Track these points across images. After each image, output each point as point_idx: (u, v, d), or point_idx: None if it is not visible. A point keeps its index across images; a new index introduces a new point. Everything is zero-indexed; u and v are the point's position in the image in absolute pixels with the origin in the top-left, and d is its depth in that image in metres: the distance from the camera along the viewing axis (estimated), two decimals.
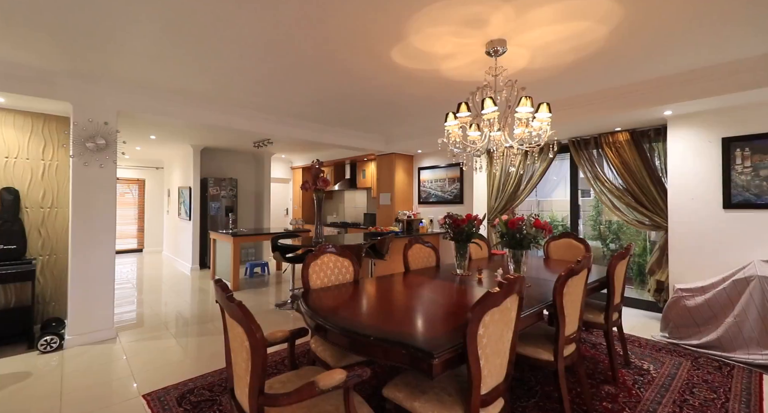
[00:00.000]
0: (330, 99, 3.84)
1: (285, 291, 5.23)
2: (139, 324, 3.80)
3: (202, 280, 5.92)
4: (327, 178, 4.19)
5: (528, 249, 2.29)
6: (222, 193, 7.14)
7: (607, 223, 5.75)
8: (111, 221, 3.44)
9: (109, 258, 3.42)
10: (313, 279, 2.33)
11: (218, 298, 1.32)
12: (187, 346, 3.20)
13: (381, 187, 6.31)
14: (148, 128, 5.22)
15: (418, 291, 2.24)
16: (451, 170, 5.70)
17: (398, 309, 1.90)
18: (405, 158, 6.21)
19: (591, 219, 6.17)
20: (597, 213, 5.75)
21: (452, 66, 2.83)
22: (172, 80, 3.32)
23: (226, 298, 1.23)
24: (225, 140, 6.34)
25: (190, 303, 4.57)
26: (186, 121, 3.93)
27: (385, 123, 5.03)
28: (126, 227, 8.95)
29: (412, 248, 3.05)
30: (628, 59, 2.74)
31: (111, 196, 3.45)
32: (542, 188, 5.94)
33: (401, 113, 4.44)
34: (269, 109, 4.28)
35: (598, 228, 5.79)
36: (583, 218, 5.68)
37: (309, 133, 5.00)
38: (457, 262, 2.74)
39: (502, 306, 1.42)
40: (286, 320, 3.93)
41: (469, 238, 2.64)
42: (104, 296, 3.38)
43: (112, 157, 3.43)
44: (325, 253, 2.46)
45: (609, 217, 6.36)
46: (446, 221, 2.74)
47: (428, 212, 6.10)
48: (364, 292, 2.26)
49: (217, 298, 1.34)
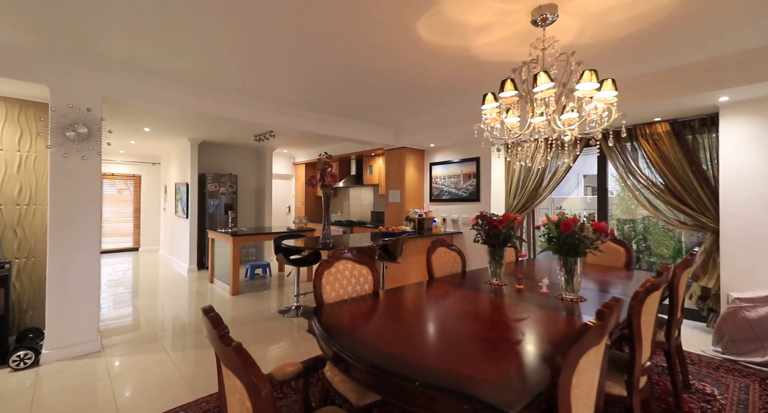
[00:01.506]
0: (339, 84, 3.45)
1: (288, 294, 4.86)
2: (129, 333, 3.43)
3: (200, 282, 5.56)
4: (335, 173, 3.81)
5: (584, 256, 1.91)
6: (221, 189, 6.76)
7: (630, 223, 5.38)
8: (95, 220, 3.06)
9: (93, 261, 3.04)
10: (327, 291, 1.95)
11: (209, 337, 0.94)
12: (181, 361, 2.83)
13: (390, 183, 5.92)
14: (140, 119, 4.83)
15: (455, 307, 1.87)
16: (466, 165, 5.31)
17: (440, 332, 1.52)
18: (416, 153, 5.83)
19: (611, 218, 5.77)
20: (620, 212, 5.38)
21: (486, 42, 2.44)
22: (164, 61, 2.93)
23: (219, 339, 0.85)
24: (224, 133, 5.95)
25: (186, 309, 4.20)
26: (181, 109, 3.54)
27: (396, 114, 4.64)
28: (121, 225, 8.58)
29: (436, 252, 2.68)
30: (695, 33, 2.35)
31: (95, 191, 3.07)
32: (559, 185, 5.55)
33: (416, 101, 4.05)
34: (271, 97, 3.89)
35: (621, 229, 5.41)
36: None
37: (313, 124, 4.62)
38: (491, 269, 2.36)
39: (600, 344, 1.04)
40: (290, 329, 3.56)
41: (506, 242, 2.26)
42: (88, 304, 3.00)
43: (96, 148, 3.05)
44: (341, 260, 2.08)
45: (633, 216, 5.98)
46: (479, 222, 2.36)
47: (440, 210, 5.72)
48: (390, 308, 1.89)
49: (207, 336, 0.96)
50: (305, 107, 4.30)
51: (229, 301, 4.54)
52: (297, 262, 4.07)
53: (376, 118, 4.90)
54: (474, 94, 3.69)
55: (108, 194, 8.37)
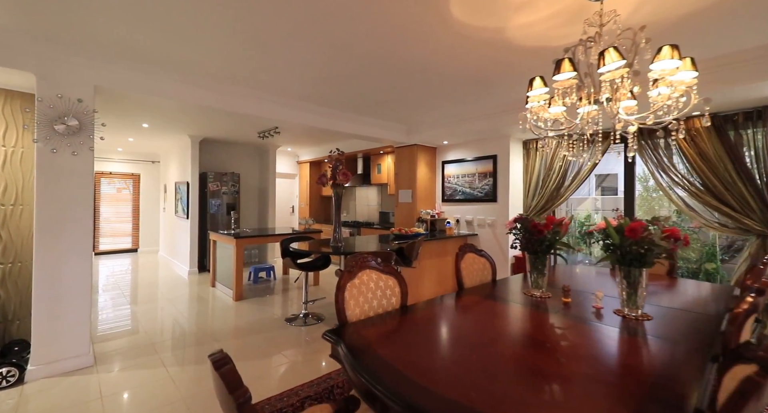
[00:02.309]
0: (353, 74, 3.17)
1: (294, 300, 4.59)
2: (125, 344, 3.16)
3: (201, 286, 5.28)
4: (347, 171, 3.54)
5: (651, 267, 1.64)
6: (223, 189, 6.49)
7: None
8: (87, 222, 2.79)
9: (85, 267, 2.77)
10: (350, 306, 1.68)
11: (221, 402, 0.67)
12: (181, 378, 2.56)
13: (400, 182, 5.65)
14: (138, 114, 4.56)
15: (501, 327, 1.59)
16: (482, 163, 5.03)
17: (493, 364, 1.25)
18: (428, 150, 5.55)
19: None
20: (643, 212, 5.10)
21: (525, 22, 2.16)
22: (162, 48, 2.66)
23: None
24: (226, 130, 5.68)
25: (186, 316, 3.93)
26: (180, 101, 3.27)
27: (409, 108, 4.36)
28: (120, 225, 8.31)
29: (465, 258, 2.40)
30: (756, 14, 2.08)
31: (86, 190, 2.80)
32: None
33: (435, 94, 3.77)
34: (277, 88, 3.61)
35: None
36: None
37: (321, 119, 4.33)
38: (532, 279, 2.09)
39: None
40: (298, 339, 3.29)
41: (550, 249, 1.99)
42: (79, 315, 2.73)
43: (88, 143, 2.78)
44: (364, 270, 1.81)
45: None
46: (517, 225, 2.09)
47: (453, 211, 5.44)
48: (425, 328, 1.61)
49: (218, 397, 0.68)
50: (313, 100, 4.03)
51: (232, 307, 4.26)
52: (305, 267, 3.80)
53: (388, 114, 4.63)
54: (499, 86, 3.42)
55: (107, 193, 8.10)
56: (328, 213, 8.34)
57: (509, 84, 3.33)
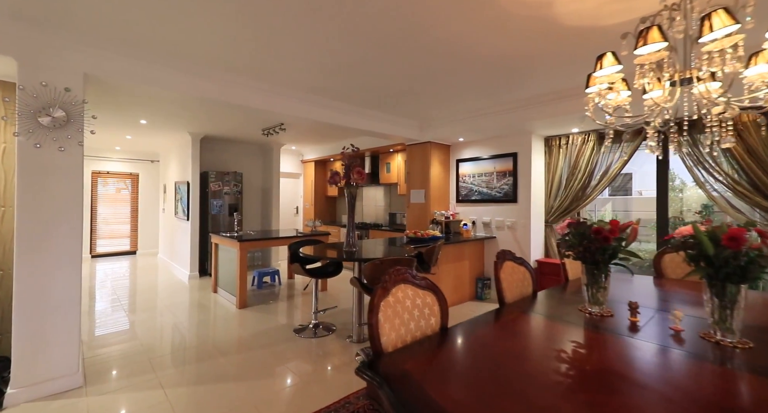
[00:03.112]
0: (368, 62, 2.88)
1: (301, 307, 4.29)
2: (120, 361, 2.87)
3: (203, 292, 4.99)
4: (362, 170, 3.24)
5: (757, 281, 1.34)
6: (225, 189, 6.20)
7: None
8: (76, 226, 2.49)
9: (74, 276, 2.48)
10: (386, 331, 1.38)
11: None
12: (180, 402, 2.26)
13: (412, 182, 5.35)
14: (135, 108, 4.27)
15: (573, 355, 1.30)
16: (500, 162, 4.74)
17: (582, 407, 0.95)
18: (441, 148, 5.26)
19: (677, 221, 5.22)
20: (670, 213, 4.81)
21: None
22: (159, 31, 2.37)
23: None
24: (228, 126, 5.39)
25: (187, 327, 3.63)
26: (180, 92, 2.98)
27: (424, 102, 4.06)
28: (118, 227, 8.03)
29: (504, 267, 2.11)
30: None
31: (75, 190, 2.50)
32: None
33: (456, 85, 3.47)
34: (283, 80, 3.32)
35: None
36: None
37: (329, 113, 4.03)
38: (590, 294, 1.79)
39: None
40: (309, 353, 3.00)
41: (613, 258, 1.69)
42: (67, 330, 2.44)
43: (77, 138, 2.49)
44: (400, 284, 1.51)
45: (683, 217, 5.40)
46: (571, 231, 1.79)
47: (469, 212, 5.15)
48: (477, 357, 1.32)
49: None
50: (321, 93, 3.73)
51: (235, 316, 3.97)
52: (315, 273, 3.50)
53: (401, 108, 4.33)
54: (531, 74, 3.12)
55: (104, 194, 7.81)
56: (333, 215, 8.05)
57: (543, 72, 3.04)
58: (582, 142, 4.28)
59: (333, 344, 3.23)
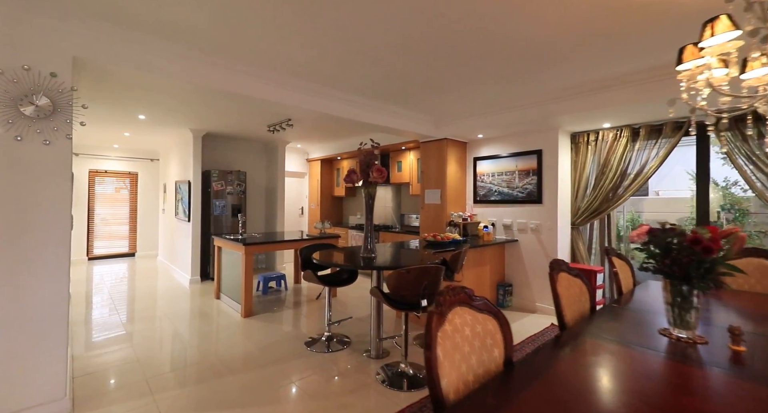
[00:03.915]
0: (385, 48, 2.58)
1: (311, 316, 3.99)
2: (114, 380, 2.57)
3: (204, 298, 4.69)
4: (382, 168, 2.94)
5: None
6: (228, 188, 5.90)
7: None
8: (62, 231, 2.19)
9: (60, 288, 2.18)
10: (445, 369, 1.08)
11: None
12: None
13: (427, 181, 5.05)
14: (133, 102, 3.97)
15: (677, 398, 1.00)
16: (523, 159, 4.43)
17: None
18: (458, 146, 4.96)
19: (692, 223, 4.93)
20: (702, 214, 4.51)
21: None
22: (159, 11, 2.07)
23: None
24: (232, 123, 5.09)
25: (188, 339, 3.33)
26: (180, 80, 2.68)
27: (442, 95, 3.76)
28: (116, 228, 7.72)
29: (560, 280, 1.80)
30: None
31: (63, 189, 2.20)
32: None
33: (477, 77, 3.17)
34: (294, 68, 3.02)
35: None
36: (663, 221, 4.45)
37: (339, 106, 3.71)
38: (675, 315, 1.49)
39: None
40: (324, 372, 2.69)
41: (708, 274, 1.39)
42: (52, 350, 2.14)
43: (65, 130, 2.19)
44: (455, 307, 1.21)
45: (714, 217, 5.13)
46: (653, 239, 1.49)
47: (487, 213, 4.85)
48: (563, 405, 1.02)
49: None
50: (333, 84, 3.42)
51: (240, 326, 3.67)
52: (329, 281, 3.20)
53: (416, 102, 4.03)
54: (567, 62, 2.81)
55: (102, 193, 7.51)
56: (340, 216, 7.76)
57: (580, 59, 2.73)
58: (613, 138, 3.98)
59: (349, 360, 2.92)
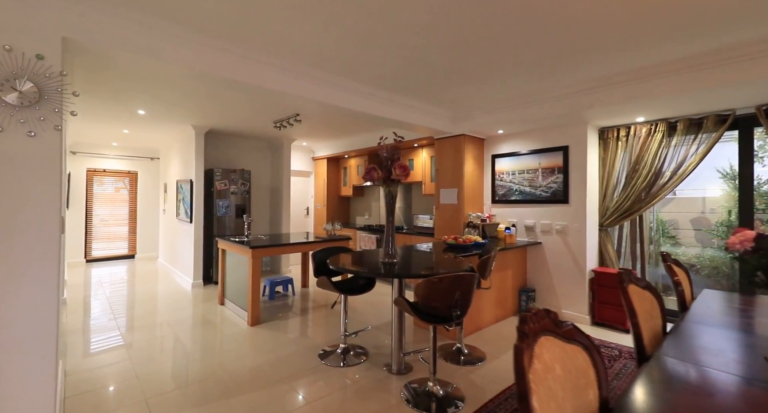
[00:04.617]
0: (411, 29, 2.32)
1: (321, 324, 3.72)
2: (109, 402, 2.30)
3: (208, 304, 4.42)
4: (405, 164, 2.68)
5: None
6: (232, 188, 5.63)
7: None
8: (51, 235, 1.93)
9: (48, 301, 1.91)
10: None
11: None
12: None
13: (442, 180, 4.78)
14: (131, 94, 3.71)
15: None
16: (547, 156, 4.17)
17: None
18: (475, 142, 4.69)
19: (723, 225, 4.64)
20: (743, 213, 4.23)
21: None
22: None
23: None
24: (237, 118, 4.82)
25: (191, 352, 3.07)
26: (183, 67, 2.41)
27: (463, 86, 3.49)
28: (116, 229, 7.46)
29: (631, 292, 1.53)
30: None
31: (52, 187, 1.94)
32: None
33: (506, 65, 2.91)
34: (303, 54, 2.76)
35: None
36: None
37: (353, 98, 3.42)
38: None
39: None
40: (343, 390, 2.43)
41: None
42: (38, 371, 1.87)
43: (53, 120, 1.92)
44: (540, 337, 0.94)
45: None
46: (763, 246, 1.22)
47: (507, 214, 4.58)
48: None
49: None
50: (348, 73, 3.15)
51: (247, 336, 3.40)
52: (346, 288, 2.93)
53: (434, 94, 3.75)
54: (605, 49, 2.55)
55: (100, 193, 7.25)
56: (347, 216, 7.49)
57: (628, 43, 2.47)
58: (647, 133, 3.71)
59: (369, 375, 2.66)
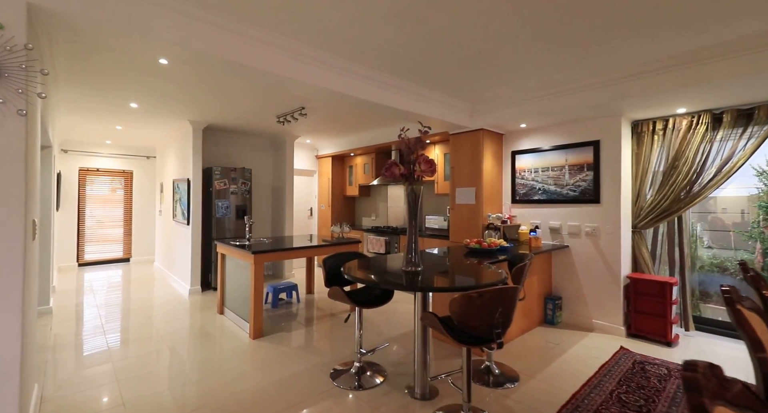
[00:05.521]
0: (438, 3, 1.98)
1: (330, 336, 3.38)
2: None
3: (207, 314, 4.08)
4: (431, 160, 2.34)
5: None
6: (232, 187, 5.29)
7: None
8: (15, 241, 1.59)
9: (9, 318, 1.57)
10: None
11: None
12: None
13: (458, 179, 4.44)
14: (120, 83, 3.36)
15: None
16: (575, 152, 3.83)
17: None
18: (494, 138, 4.35)
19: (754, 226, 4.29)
20: None
21: None
22: None
23: None
24: (237, 112, 4.48)
25: (188, 372, 2.72)
26: (177, 44, 2.08)
27: (488, 73, 3.16)
28: (109, 231, 7.11)
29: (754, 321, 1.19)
30: None
31: (16, 186, 1.60)
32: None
33: (553, 37, 2.58)
34: (314, 35, 2.42)
35: None
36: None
37: (364, 86, 3.05)
38: None
39: None
40: (359, 409, 2.09)
41: None
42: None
43: (16, 103, 1.59)
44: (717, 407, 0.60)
45: None
46: None
47: (529, 215, 4.25)
48: None
49: None
50: (360, 57, 2.79)
51: (249, 351, 3.06)
52: (362, 300, 2.59)
53: (452, 84, 3.41)
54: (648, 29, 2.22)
55: (93, 194, 6.90)
56: (352, 217, 7.15)
57: (672, 24, 2.13)
58: (688, 126, 3.38)
59: (390, 401, 2.32)
